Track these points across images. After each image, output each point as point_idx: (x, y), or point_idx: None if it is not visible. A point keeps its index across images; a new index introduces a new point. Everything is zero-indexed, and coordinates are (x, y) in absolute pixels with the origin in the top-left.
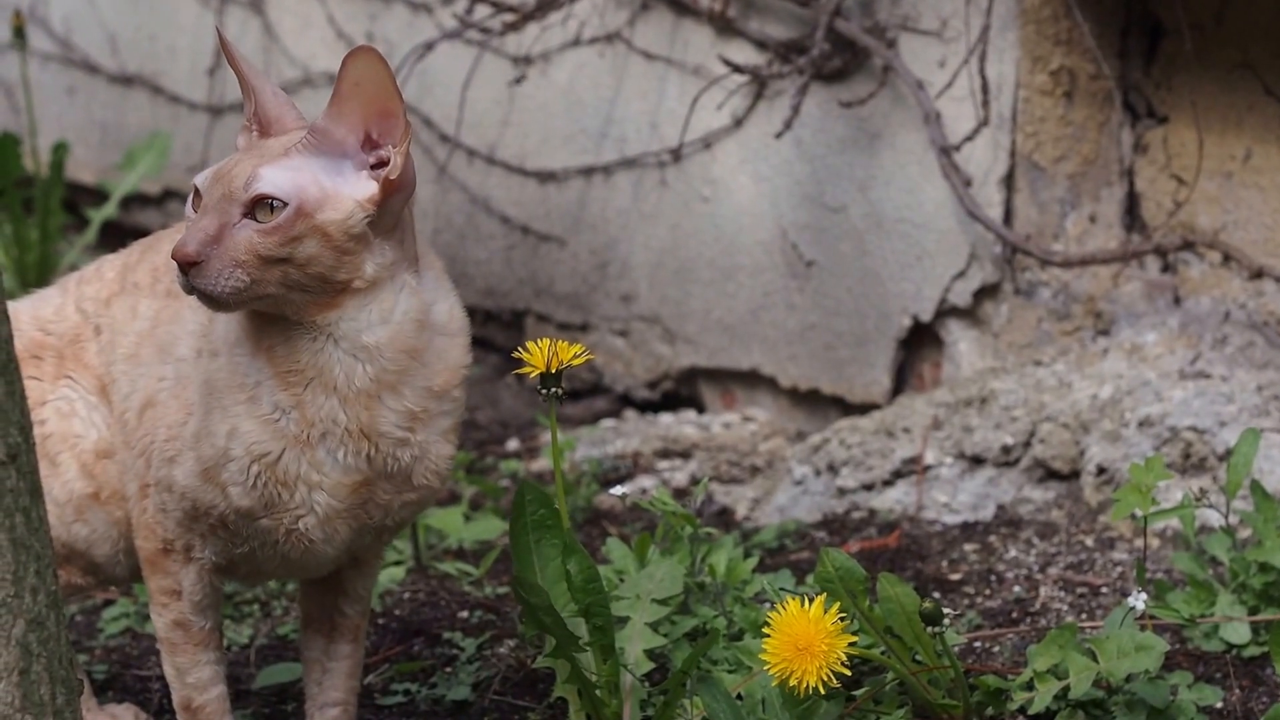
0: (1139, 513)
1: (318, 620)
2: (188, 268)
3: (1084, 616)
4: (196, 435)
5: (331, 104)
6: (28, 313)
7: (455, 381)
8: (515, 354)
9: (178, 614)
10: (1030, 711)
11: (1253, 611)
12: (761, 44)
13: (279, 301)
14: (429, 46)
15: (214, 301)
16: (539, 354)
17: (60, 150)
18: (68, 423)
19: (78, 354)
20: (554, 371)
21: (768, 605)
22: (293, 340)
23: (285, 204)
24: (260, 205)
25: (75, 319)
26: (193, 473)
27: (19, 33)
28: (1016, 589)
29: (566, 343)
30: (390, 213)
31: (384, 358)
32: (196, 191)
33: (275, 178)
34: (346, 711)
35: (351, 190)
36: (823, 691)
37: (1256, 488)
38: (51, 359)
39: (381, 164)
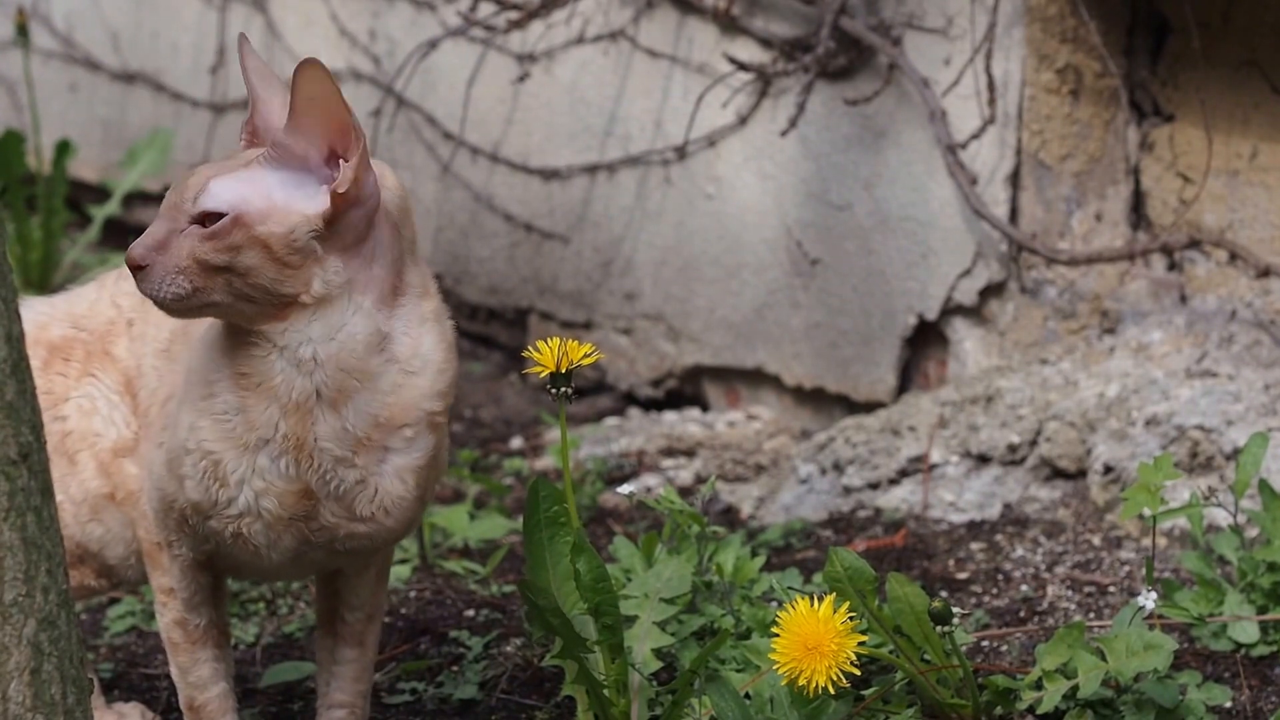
0: (1147, 512)
1: (327, 622)
2: (136, 272)
3: (1091, 616)
4: (170, 424)
5: (290, 119)
6: (62, 309)
7: (409, 420)
8: (521, 352)
9: (176, 612)
10: (1039, 711)
11: (1261, 610)
12: (766, 42)
13: (227, 310)
14: (433, 44)
15: (161, 306)
16: (548, 353)
17: (64, 148)
18: (88, 420)
19: (107, 349)
20: (564, 371)
21: (775, 604)
22: (247, 344)
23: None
24: (210, 215)
25: (110, 314)
26: (161, 460)
27: (22, 30)
28: (1024, 588)
29: (576, 342)
30: (348, 228)
31: (323, 373)
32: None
33: (221, 188)
34: (353, 714)
35: (302, 205)
36: (832, 691)
37: (1265, 487)
38: (79, 356)
39: None
